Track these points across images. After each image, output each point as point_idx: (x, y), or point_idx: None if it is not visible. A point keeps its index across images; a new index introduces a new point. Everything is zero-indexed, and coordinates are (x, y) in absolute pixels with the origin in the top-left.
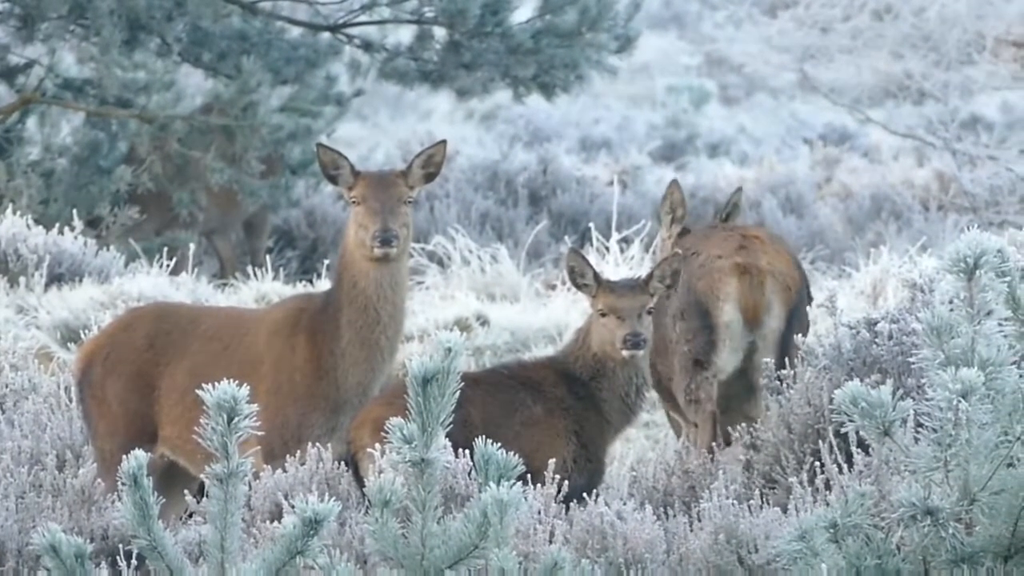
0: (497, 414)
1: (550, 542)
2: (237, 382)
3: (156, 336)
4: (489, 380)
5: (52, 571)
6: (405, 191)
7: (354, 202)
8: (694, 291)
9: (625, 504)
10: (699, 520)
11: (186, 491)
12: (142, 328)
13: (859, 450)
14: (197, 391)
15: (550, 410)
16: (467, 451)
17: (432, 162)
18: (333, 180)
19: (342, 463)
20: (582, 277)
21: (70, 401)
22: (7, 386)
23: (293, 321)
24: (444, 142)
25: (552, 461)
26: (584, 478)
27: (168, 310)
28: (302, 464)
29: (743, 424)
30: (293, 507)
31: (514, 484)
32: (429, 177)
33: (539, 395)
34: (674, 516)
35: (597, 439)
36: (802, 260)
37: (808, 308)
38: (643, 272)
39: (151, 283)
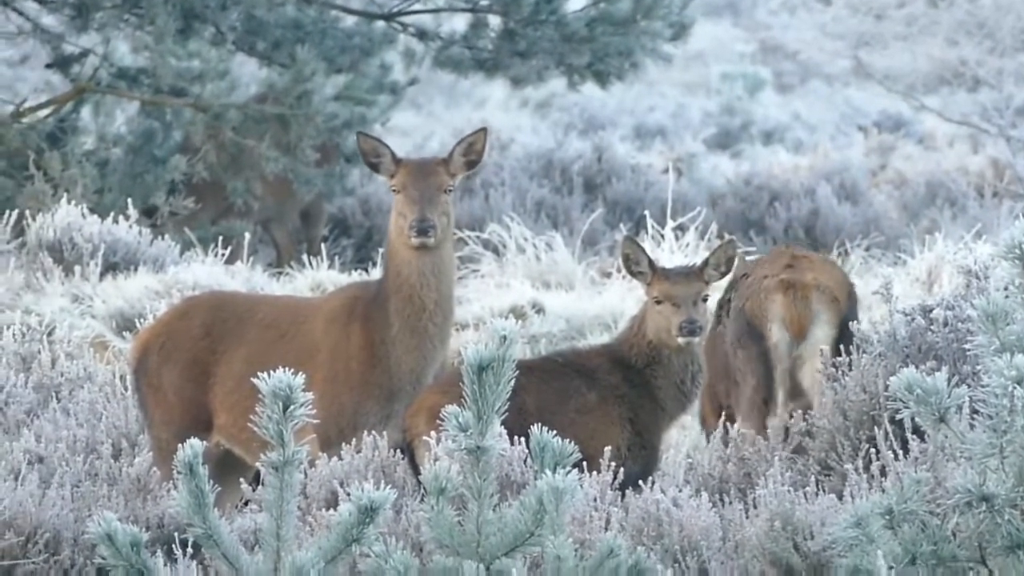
0: (552, 401)
1: (606, 529)
2: (293, 370)
3: (212, 324)
4: (544, 368)
5: (108, 559)
6: (445, 179)
7: (394, 190)
8: (744, 313)
9: (681, 491)
10: (755, 507)
11: (242, 479)
12: (198, 316)
13: (914, 437)
14: (253, 379)
15: (604, 398)
16: (522, 439)
17: (473, 150)
18: (375, 168)
19: (397, 451)
20: (637, 265)
21: (125, 390)
22: (63, 375)
23: (349, 309)
24: (485, 129)
25: (607, 448)
26: (639, 465)
27: (224, 298)
28: (358, 452)
29: (799, 411)
30: (349, 495)
31: (569, 472)
32: (471, 165)
33: (594, 382)
34: (730, 503)
35: (652, 426)
36: (857, 247)
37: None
38: (698, 260)
39: (206, 272)
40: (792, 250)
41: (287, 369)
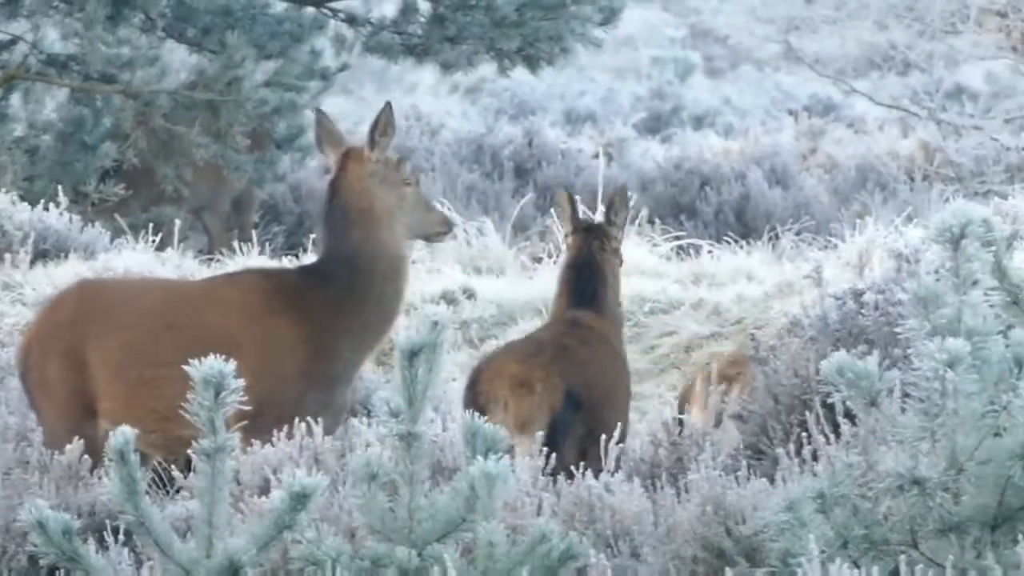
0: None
1: (538, 515)
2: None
3: (79, 313)
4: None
5: (40, 547)
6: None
7: (407, 183)
8: None
9: (612, 476)
10: (687, 492)
11: (173, 466)
12: (67, 307)
13: (846, 421)
14: (136, 368)
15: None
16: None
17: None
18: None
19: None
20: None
21: None
22: None
23: (266, 302)
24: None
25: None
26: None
27: (94, 287)
28: (289, 439)
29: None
30: (281, 482)
31: (501, 457)
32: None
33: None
34: (662, 488)
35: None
36: (788, 231)
37: None
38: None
39: (137, 259)
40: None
41: (181, 360)
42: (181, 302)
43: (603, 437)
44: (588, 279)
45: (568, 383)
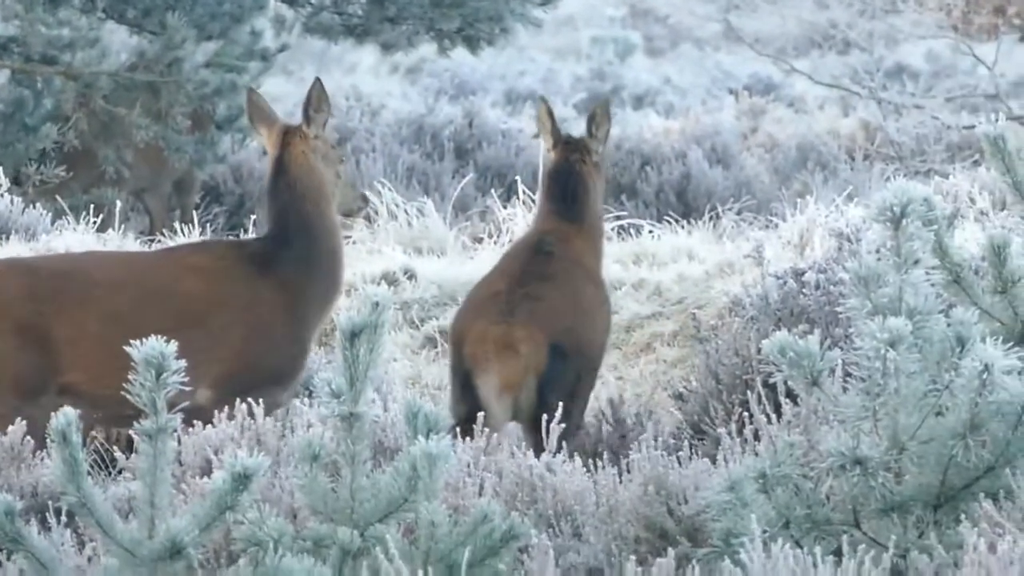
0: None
1: (480, 495)
2: (170, 329)
3: (34, 287)
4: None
5: None
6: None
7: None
8: None
9: (555, 456)
10: (628, 472)
11: (115, 447)
12: (12, 283)
13: (787, 400)
14: (125, 338)
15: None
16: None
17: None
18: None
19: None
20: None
21: None
22: None
23: (248, 267)
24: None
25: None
26: None
27: (35, 263)
28: (231, 419)
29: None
30: (223, 463)
31: (443, 437)
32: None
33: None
34: (603, 468)
35: None
36: (729, 211)
37: None
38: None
39: (78, 240)
40: None
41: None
42: (154, 270)
43: (543, 417)
44: (568, 187)
45: (550, 337)
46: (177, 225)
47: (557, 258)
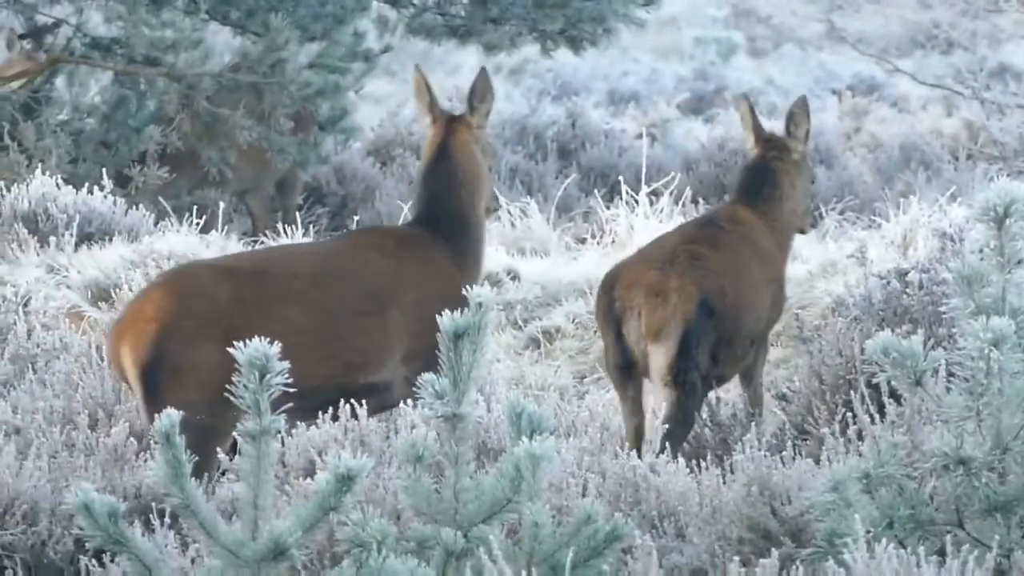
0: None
1: (583, 495)
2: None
3: (235, 292)
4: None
5: (85, 530)
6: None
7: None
8: None
9: (658, 457)
10: (731, 472)
11: (218, 448)
12: (219, 288)
13: (891, 400)
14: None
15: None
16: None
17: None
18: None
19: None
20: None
21: (101, 360)
22: (38, 346)
23: (427, 251)
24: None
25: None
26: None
27: (225, 264)
28: (335, 420)
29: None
30: (326, 463)
31: (547, 438)
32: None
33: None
34: (707, 468)
35: None
36: (832, 211)
37: None
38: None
39: (181, 241)
40: None
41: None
42: (340, 256)
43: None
44: (759, 180)
45: (702, 292)
46: (280, 226)
47: (727, 232)
